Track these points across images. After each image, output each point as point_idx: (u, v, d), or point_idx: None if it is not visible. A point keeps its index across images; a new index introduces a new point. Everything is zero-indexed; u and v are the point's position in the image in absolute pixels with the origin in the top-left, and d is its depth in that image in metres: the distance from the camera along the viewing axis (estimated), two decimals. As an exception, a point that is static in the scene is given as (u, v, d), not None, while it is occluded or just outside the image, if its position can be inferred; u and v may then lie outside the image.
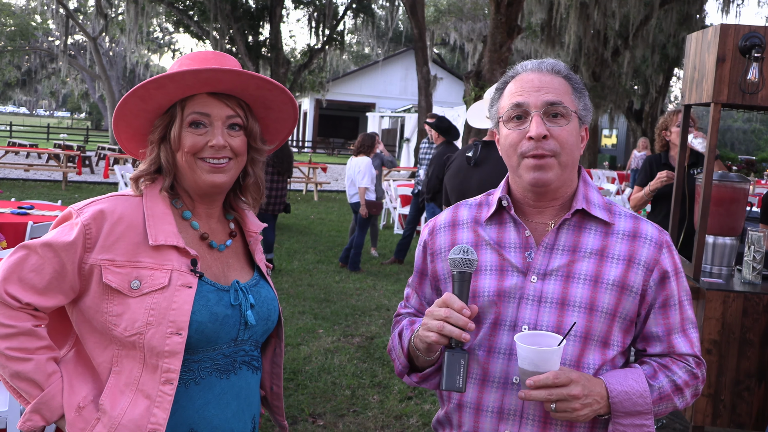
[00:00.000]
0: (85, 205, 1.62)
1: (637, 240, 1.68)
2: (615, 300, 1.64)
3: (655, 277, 1.67)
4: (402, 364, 1.76)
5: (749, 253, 4.23)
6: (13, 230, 5.36)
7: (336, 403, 4.64)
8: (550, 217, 1.71)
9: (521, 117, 1.65)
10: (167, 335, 1.55)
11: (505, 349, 1.64)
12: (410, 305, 1.88)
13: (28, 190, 15.46)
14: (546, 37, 23.33)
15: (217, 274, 1.69)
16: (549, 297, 1.64)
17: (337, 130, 49.25)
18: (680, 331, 1.70)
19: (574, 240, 1.68)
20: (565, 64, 1.72)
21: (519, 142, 1.64)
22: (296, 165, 17.36)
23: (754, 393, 4.03)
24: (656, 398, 1.63)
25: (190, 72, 1.57)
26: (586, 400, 1.54)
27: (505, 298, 1.66)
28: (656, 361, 1.69)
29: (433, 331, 1.54)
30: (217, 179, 1.65)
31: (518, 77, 1.70)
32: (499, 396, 1.64)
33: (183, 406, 1.60)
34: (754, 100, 3.95)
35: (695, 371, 1.70)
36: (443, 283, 1.77)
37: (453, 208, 1.84)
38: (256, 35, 24.17)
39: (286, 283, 8.14)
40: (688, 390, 1.68)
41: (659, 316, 1.69)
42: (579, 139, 1.69)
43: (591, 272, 1.64)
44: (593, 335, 1.64)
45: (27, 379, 1.55)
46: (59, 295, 1.58)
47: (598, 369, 1.63)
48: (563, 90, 1.66)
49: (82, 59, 42.06)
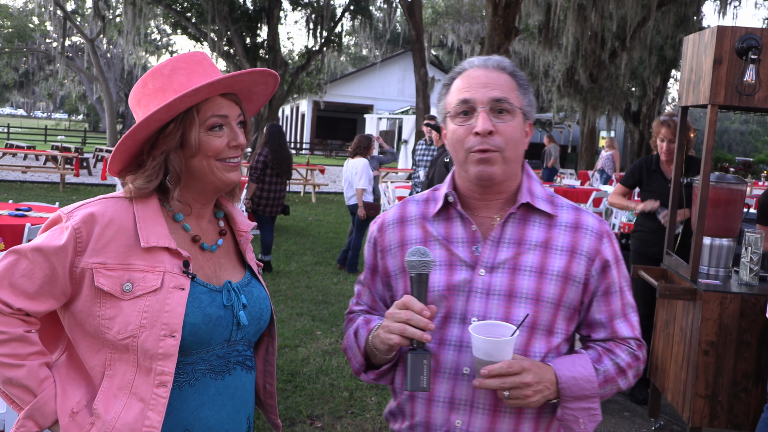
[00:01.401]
0: (75, 209, 1.60)
1: (579, 231, 1.74)
2: (560, 290, 1.70)
3: (597, 267, 1.74)
4: (359, 363, 1.80)
5: (746, 254, 4.24)
6: (11, 232, 5.35)
7: (334, 405, 4.64)
8: (496, 211, 1.76)
9: (468, 113, 1.69)
10: (161, 338, 1.54)
11: (455, 341, 1.69)
12: (363, 302, 1.92)
13: (25, 191, 15.44)
14: (543, 38, 23.34)
15: (209, 275, 1.68)
16: (497, 289, 1.69)
17: (335, 132, 49.22)
18: (622, 316, 1.78)
19: (519, 233, 1.73)
20: (511, 62, 1.77)
21: (466, 137, 1.68)
22: (294, 167, 17.32)
23: (751, 394, 4.04)
24: (602, 381, 1.71)
25: (225, 79, 1.59)
26: (538, 386, 1.59)
27: (455, 292, 1.71)
28: (600, 345, 1.77)
29: (395, 334, 1.58)
30: (234, 177, 1.68)
31: (465, 73, 1.74)
32: (450, 386, 1.69)
33: (177, 408, 1.59)
34: (750, 102, 3.96)
35: (637, 353, 1.77)
36: (394, 279, 1.81)
37: (401, 205, 1.88)
38: (254, 37, 24.13)
39: (284, 284, 8.14)
40: (630, 371, 1.76)
41: (602, 304, 1.76)
42: (523, 134, 1.74)
43: (536, 264, 1.70)
44: (539, 324, 1.69)
45: (19, 386, 1.55)
46: (50, 300, 1.57)
47: (544, 356, 1.70)
48: (509, 86, 1.71)
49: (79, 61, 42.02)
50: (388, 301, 1.86)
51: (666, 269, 4.68)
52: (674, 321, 4.47)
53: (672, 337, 4.48)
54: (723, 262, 4.46)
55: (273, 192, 8.48)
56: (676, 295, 4.19)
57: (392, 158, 10.46)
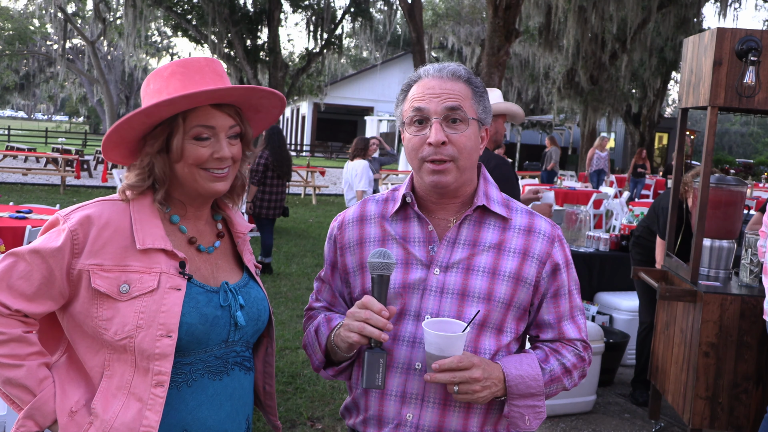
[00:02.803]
0: (71, 211, 1.62)
1: (532, 234, 1.80)
2: (511, 291, 1.75)
3: (548, 269, 1.80)
4: (319, 360, 1.83)
5: (746, 256, 4.24)
6: (12, 234, 5.36)
7: (334, 407, 4.64)
8: (453, 213, 1.81)
9: (422, 122, 1.73)
10: (157, 338, 1.55)
11: (409, 337, 1.74)
12: (322, 298, 1.95)
13: (26, 194, 15.45)
14: (544, 40, 23.36)
15: (206, 276, 1.69)
16: (450, 288, 1.74)
17: (335, 134, 49.22)
18: (569, 318, 1.84)
19: (474, 235, 1.78)
20: (466, 68, 1.80)
21: (420, 146, 1.72)
22: (294, 169, 17.34)
23: (751, 395, 4.04)
24: (548, 380, 1.76)
25: (205, 92, 1.58)
26: (486, 383, 1.65)
27: (410, 290, 1.76)
28: (548, 345, 1.83)
29: (354, 332, 1.63)
30: (219, 187, 1.68)
31: (420, 82, 1.77)
32: (402, 381, 1.74)
33: (176, 408, 1.60)
34: (750, 104, 3.97)
35: (582, 354, 1.84)
36: (352, 276, 1.85)
37: (361, 204, 1.92)
38: (255, 39, 24.14)
39: (284, 286, 8.14)
40: (576, 371, 1.82)
41: (551, 305, 1.82)
42: (478, 141, 1.77)
43: (489, 265, 1.75)
44: (489, 323, 1.75)
45: (19, 386, 1.56)
46: (48, 301, 1.59)
47: (494, 354, 1.75)
48: (463, 95, 1.74)
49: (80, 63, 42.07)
50: (347, 297, 1.90)
51: (666, 271, 4.68)
52: (674, 322, 4.47)
53: (672, 339, 4.48)
54: (723, 264, 4.46)
55: (273, 194, 8.49)
56: (677, 297, 4.19)
57: (393, 159, 10.47)
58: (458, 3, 34.33)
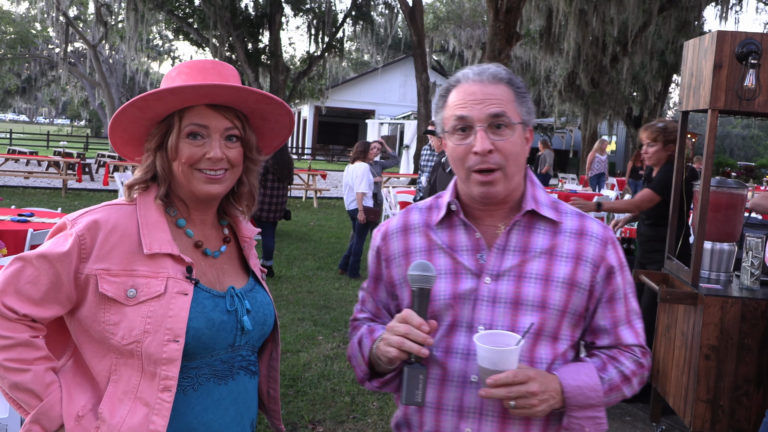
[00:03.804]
0: (79, 216, 1.63)
1: (584, 237, 1.73)
2: (565, 297, 1.69)
3: (602, 273, 1.73)
4: (363, 372, 1.79)
5: (747, 258, 4.24)
6: (13, 237, 5.36)
7: (336, 410, 4.64)
8: (500, 219, 1.75)
9: (465, 129, 1.67)
10: (164, 342, 1.55)
11: (462, 349, 1.69)
12: (366, 309, 1.91)
13: (28, 197, 15.47)
14: (545, 43, 23.39)
15: (212, 281, 1.69)
16: (503, 297, 1.68)
17: (336, 137, 49.25)
18: (626, 323, 1.77)
19: (524, 240, 1.72)
20: (507, 69, 1.74)
21: (465, 155, 1.67)
22: (296, 172, 17.37)
23: (752, 398, 4.04)
24: (607, 390, 1.70)
25: (191, 87, 1.58)
26: (543, 396, 1.59)
27: (461, 301, 1.70)
28: (604, 353, 1.76)
29: (394, 347, 1.58)
30: (213, 189, 1.67)
31: (460, 86, 1.71)
32: (458, 395, 1.68)
33: (182, 412, 1.61)
34: (751, 107, 3.97)
35: (641, 360, 1.76)
36: (399, 288, 1.80)
37: (404, 213, 1.86)
38: (256, 42, 24.20)
39: (285, 289, 8.14)
40: (635, 379, 1.75)
41: (606, 310, 1.75)
42: (524, 144, 1.72)
43: (542, 271, 1.69)
44: (544, 331, 1.69)
45: (26, 390, 1.56)
46: (56, 306, 1.59)
47: (551, 363, 1.69)
48: (506, 99, 1.68)
49: (82, 67, 42.13)
50: (392, 310, 1.85)
51: (667, 274, 4.69)
52: (675, 325, 4.47)
53: (673, 342, 4.48)
54: (724, 267, 4.46)
55: (275, 197, 8.50)
56: (677, 300, 4.19)
57: (395, 162, 10.48)
58: (459, 6, 34.38)
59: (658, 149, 5.19)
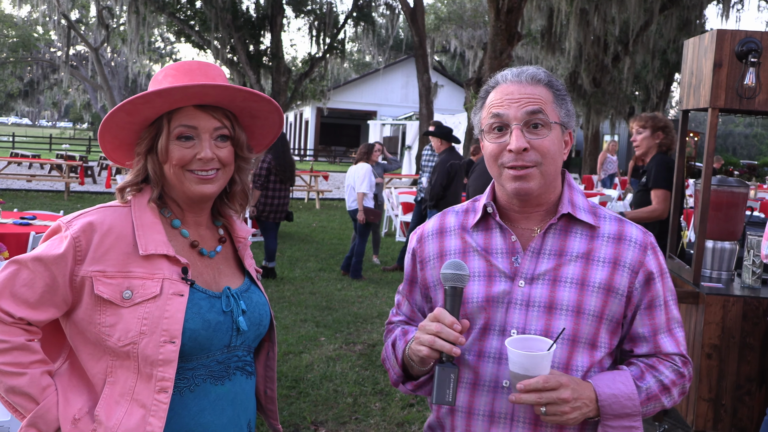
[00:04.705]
0: (74, 218, 1.63)
1: (622, 242, 1.70)
2: (602, 302, 1.65)
3: (641, 279, 1.69)
4: (397, 374, 1.78)
5: (749, 257, 4.24)
6: (16, 241, 5.38)
7: (338, 411, 4.64)
8: (536, 223, 1.73)
9: (501, 128, 1.66)
10: (161, 344, 1.56)
11: (494, 353, 1.66)
12: (402, 312, 1.90)
13: (30, 200, 15.49)
14: (546, 43, 23.37)
15: (208, 281, 1.70)
16: (537, 301, 1.65)
17: (338, 138, 49.28)
18: (666, 331, 1.73)
19: (560, 244, 1.69)
20: (546, 71, 1.73)
21: (500, 153, 1.66)
22: (298, 173, 17.38)
23: (755, 397, 4.04)
24: (644, 399, 1.65)
25: (178, 88, 1.58)
26: (576, 403, 1.55)
27: (494, 304, 1.67)
28: (643, 361, 1.71)
29: (425, 346, 1.56)
30: (206, 190, 1.67)
31: (498, 87, 1.70)
32: (489, 399, 1.66)
33: (178, 413, 1.61)
34: (751, 105, 3.97)
35: (682, 370, 1.71)
36: (433, 291, 1.79)
37: (440, 215, 1.85)
38: (257, 44, 24.21)
39: (288, 291, 8.15)
40: (675, 389, 1.70)
41: (645, 317, 1.71)
42: (562, 145, 1.70)
43: (577, 275, 1.66)
44: (581, 337, 1.65)
45: (22, 394, 1.56)
46: (52, 309, 1.59)
47: (587, 371, 1.66)
48: (544, 99, 1.67)
49: (84, 70, 42.19)
50: (427, 312, 1.83)
51: (669, 273, 4.68)
52: (677, 324, 4.47)
53: (675, 341, 4.48)
54: (725, 266, 4.46)
55: (277, 198, 8.51)
56: (679, 299, 4.18)
57: (396, 166, 10.48)
58: (460, 6, 34.37)
59: (646, 136, 5.22)
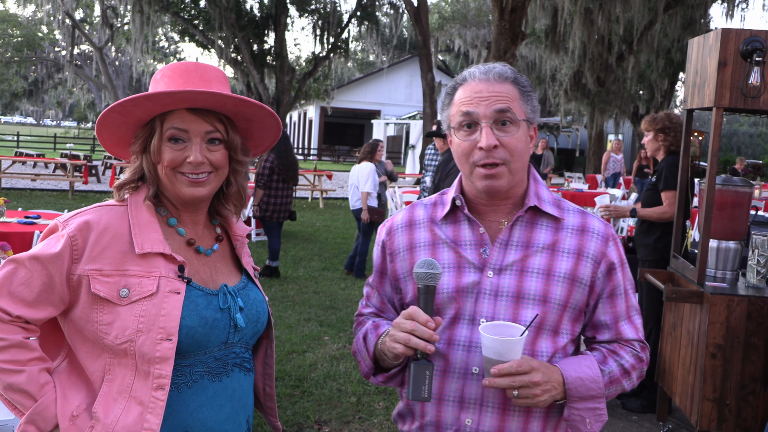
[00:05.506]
0: (70, 217, 1.64)
1: (586, 234, 1.77)
2: (566, 292, 1.73)
3: (603, 269, 1.77)
4: (368, 367, 1.82)
5: (753, 257, 4.22)
6: (20, 239, 5.39)
7: (342, 410, 4.64)
8: (504, 215, 1.79)
9: (471, 126, 1.71)
10: (158, 341, 1.57)
11: (464, 341, 1.72)
12: (371, 304, 1.93)
13: (35, 199, 15.52)
14: (550, 42, 23.34)
15: (205, 279, 1.71)
16: (505, 291, 1.72)
17: (342, 138, 49.28)
18: (626, 319, 1.81)
19: (527, 236, 1.76)
20: (512, 69, 1.78)
21: (470, 151, 1.71)
22: (301, 172, 17.36)
23: (759, 397, 4.02)
24: (607, 382, 1.73)
25: (166, 93, 1.59)
26: (546, 386, 1.62)
27: (464, 294, 1.73)
28: (605, 347, 1.80)
29: (400, 343, 1.60)
30: (196, 192, 1.68)
31: (466, 84, 1.75)
32: (459, 386, 1.71)
33: (176, 409, 1.61)
34: (756, 104, 3.96)
35: (640, 355, 1.81)
36: (403, 282, 1.83)
37: (409, 208, 1.90)
38: (261, 44, 24.23)
39: (291, 290, 8.15)
40: (634, 372, 1.79)
41: (607, 306, 1.79)
42: (528, 141, 1.76)
43: (543, 266, 1.73)
44: (545, 325, 1.72)
45: (20, 391, 1.57)
46: (49, 307, 1.60)
47: (551, 356, 1.72)
48: (511, 96, 1.72)
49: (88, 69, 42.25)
50: (396, 304, 1.88)
51: (673, 272, 4.67)
52: (681, 324, 4.46)
53: (679, 341, 4.47)
54: (730, 265, 4.45)
55: (280, 198, 8.51)
56: (683, 298, 4.18)
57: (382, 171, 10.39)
58: (464, 6, 34.36)
59: (650, 139, 5.23)
